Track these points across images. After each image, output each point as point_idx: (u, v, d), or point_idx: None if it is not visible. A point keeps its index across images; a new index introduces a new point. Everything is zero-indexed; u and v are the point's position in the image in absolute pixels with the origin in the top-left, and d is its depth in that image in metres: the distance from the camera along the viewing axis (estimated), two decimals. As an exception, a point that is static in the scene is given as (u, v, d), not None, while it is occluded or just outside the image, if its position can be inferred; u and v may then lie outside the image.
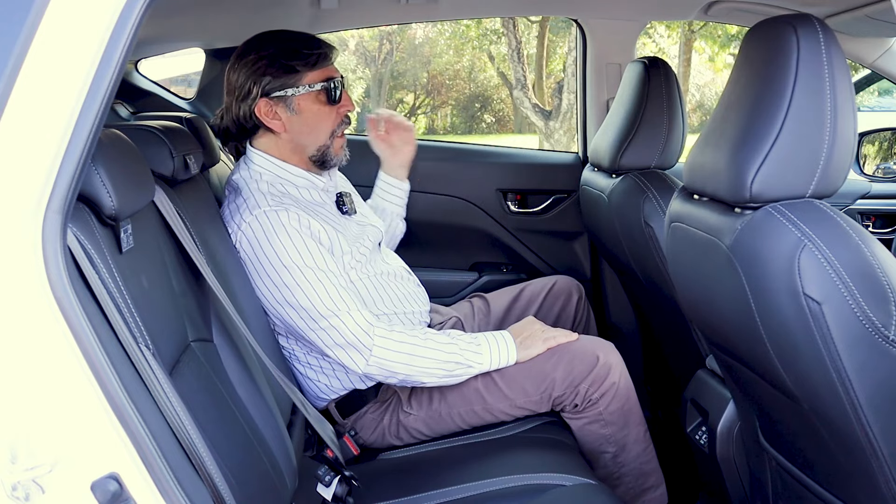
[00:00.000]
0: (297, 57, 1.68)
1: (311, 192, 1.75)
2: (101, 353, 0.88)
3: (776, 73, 1.09)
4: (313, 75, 1.69)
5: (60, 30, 0.86)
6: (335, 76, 1.72)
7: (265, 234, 1.59)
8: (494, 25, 11.91)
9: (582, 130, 2.66)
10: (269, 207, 1.61)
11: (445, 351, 1.64)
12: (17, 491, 0.85)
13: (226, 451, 1.12)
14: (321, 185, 1.78)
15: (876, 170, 2.63)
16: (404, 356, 1.61)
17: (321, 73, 1.70)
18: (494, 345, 1.69)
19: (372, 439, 1.77)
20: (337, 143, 1.75)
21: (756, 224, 1.09)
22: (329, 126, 1.73)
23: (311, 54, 1.68)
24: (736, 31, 8.58)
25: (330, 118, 1.73)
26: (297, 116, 1.70)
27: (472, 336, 1.70)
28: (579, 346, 1.73)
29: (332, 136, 1.74)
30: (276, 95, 1.68)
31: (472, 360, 1.66)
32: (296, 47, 1.69)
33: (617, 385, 1.70)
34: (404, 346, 1.61)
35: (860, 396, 1.03)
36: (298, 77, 1.68)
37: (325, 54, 1.71)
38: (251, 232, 1.60)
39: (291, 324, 1.62)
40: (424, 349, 1.62)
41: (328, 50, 1.72)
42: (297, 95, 1.68)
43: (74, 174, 0.87)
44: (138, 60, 2.56)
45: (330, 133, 1.73)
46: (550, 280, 2.13)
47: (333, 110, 1.73)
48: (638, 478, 1.77)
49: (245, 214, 1.62)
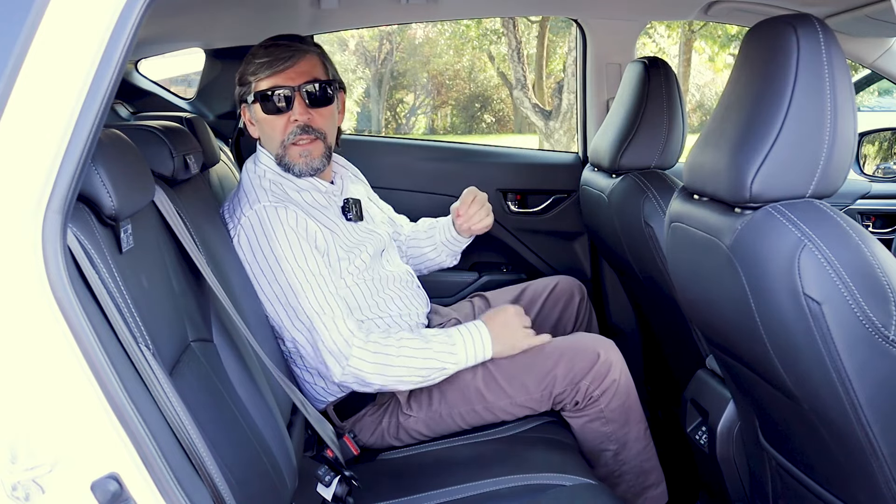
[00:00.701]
0: (250, 65, 1.72)
1: (313, 195, 1.76)
2: (101, 353, 0.88)
3: (776, 73, 1.09)
4: (260, 84, 1.71)
5: (60, 30, 0.86)
6: (280, 85, 1.69)
7: (262, 229, 1.62)
8: (494, 25, 11.91)
9: (582, 130, 2.66)
10: (268, 203, 1.64)
11: (420, 357, 1.64)
12: (17, 491, 0.85)
13: (226, 451, 1.12)
14: (324, 188, 1.78)
15: (876, 170, 2.63)
16: (379, 366, 1.62)
17: (267, 82, 1.70)
18: (470, 341, 1.68)
19: (371, 441, 1.77)
20: (292, 152, 1.72)
21: (756, 224, 1.09)
22: (278, 135, 1.72)
23: (262, 63, 1.70)
24: (736, 31, 8.58)
25: (277, 127, 1.72)
26: (258, 124, 1.76)
27: (446, 334, 1.69)
28: (580, 343, 1.73)
29: (283, 146, 1.72)
30: (245, 103, 1.75)
31: (447, 361, 1.66)
32: (256, 54, 1.72)
33: (618, 382, 1.70)
34: (379, 357, 1.62)
35: (860, 396, 1.03)
36: (249, 86, 1.72)
37: (270, 63, 1.69)
38: (249, 225, 1.63)
39: (277, 320, 1.64)
40: (399, 358, 1.62)
41: (289, 54, 1.69)
42: (252, 103, 1.74)
43: (74, 174, 0.87)
44: (138, 60, 2.56)
45: (280, 142, 1.72)
46: (553, 280, 2.13)
47: (282, 119, 1.71)
48: (639, 475, 1.77)
49: (245, 208, 1.65)
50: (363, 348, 1.61)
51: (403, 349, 1.63)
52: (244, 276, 1.64)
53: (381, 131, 15.14)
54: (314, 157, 1.73)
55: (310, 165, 1.73)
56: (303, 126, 1.70)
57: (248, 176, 1.74)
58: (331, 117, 1.77)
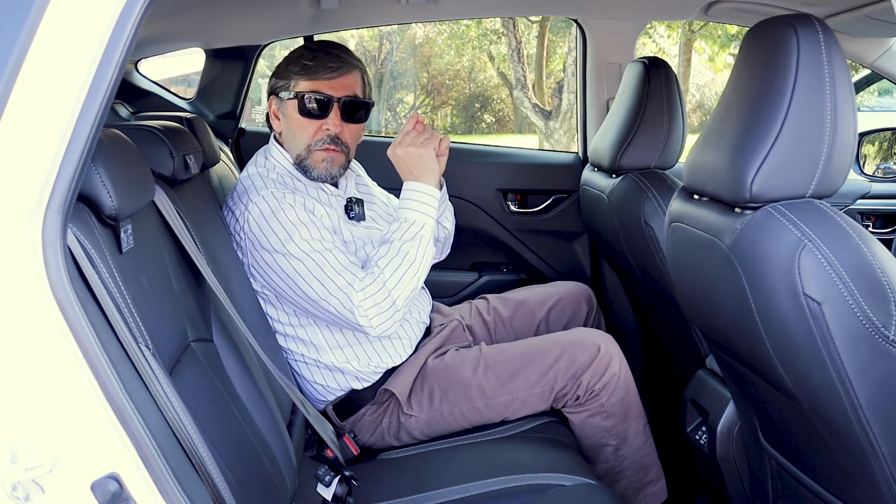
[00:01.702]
0: (294, 63, 1.72)
1: (318, 192, 1.77)
2: (101, 353, 0.88)
3: (776, 73, 1.09)
4: (302, 84, 1.72)
5: (60, 30, 0.86)
6: (323, 91, 1.70)
7: (272, 211, 1.63)
8: (494, 25, 11.90)
9: (582, 130, 2.66)
10: (275, 189, 1.66)
11: (400, 256, 1.61)
12: (17, 491, 0.85)
13: (226, 451, 1.12)
14: (329, 191, 1.79)
15: (876, 170, 2.63)
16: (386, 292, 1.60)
17: (309, 85, 1.71)
18: (413, 204, 1.66)
19: (371, 441, 1.77)
20: (315, 157, 1.73)
21: (756, 224, 1.09)
22: (305, 138, 1.73)
23: (309, 65, 1.71)
24: (736, 31, 8.57)
25: (307, 131, 1.73)
26: (286, 120, 1.76)
27: (395, 224, 1.66)
28: (580, 338, 1.74)
29: (308, 149, 1.73)
30: (277, 95, 1.75)
31: (417, 233, 1.64)
32: (302, 55, 1.73)
33: (618, 376, 1.71)
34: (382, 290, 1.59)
35: (860, 396, 1.03)
36: (289, 82, 1.73)
37: (319, 68, 1.71)
38: (258, 211, 1.63)
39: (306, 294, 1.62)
40: (392, 277, 1.60)
41: (337, 65, 1.71)
42: (286, 99, 1.73)
43: (74, 174, 0.87)
44: (138, 60, 2.56)
45: (306, 145, 1.73)
46: (561, 288, 2.13)
47: (314, 124, 1.72)
48: (639, 471, 1.77)
49: (252, 195, 1.66)
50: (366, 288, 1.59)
51: (387, 268, 1.61)
52: (244, 276, 1.64)
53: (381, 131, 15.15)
54: (335, 165, 1.74)
55: (329, 172, 1.74)
56: (333, 136, 1.72)
57: (255, 168, 1.75)
58: (359, 134, 1.80)
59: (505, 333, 2.03)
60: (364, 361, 1.75)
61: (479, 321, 2.04)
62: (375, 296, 1.59)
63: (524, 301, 2.09)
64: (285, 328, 1.73)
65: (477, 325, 2.03)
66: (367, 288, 1.59)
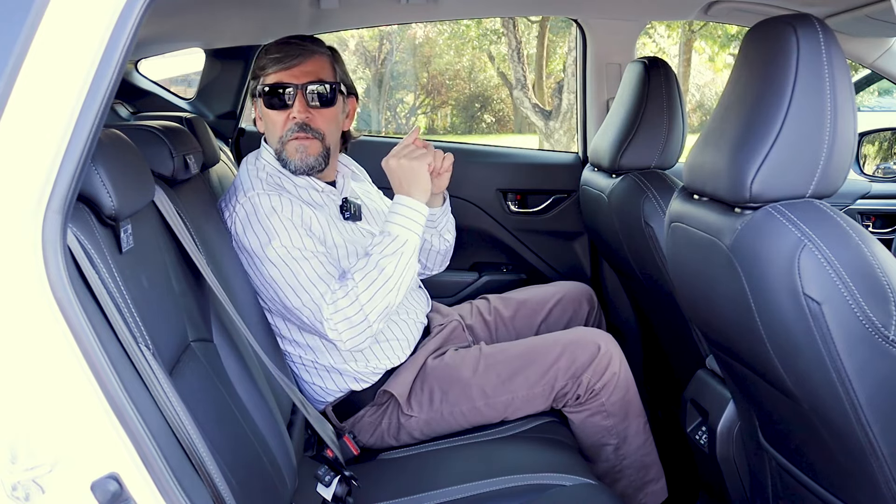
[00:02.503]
0: (261, 60, 1.74)
1: (310, 193, 1.76)
2: (101, 353, 0.88)
3: (776, 73, 1.09)
4: (266, 79, 1.73)
5: (60, 30, 0.86)
6: (284, 82, 1.71)
7: (256, 214, 1.63)
8: (494, 25, 11.90)
9: (582, 130, 2.66)
10: (262, 191, 1.66)
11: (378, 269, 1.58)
12: (17, 491, 0.85)
13: (226, 451, 1.12)
14: (321, 188, 1.79)
15: (876, 170, 2.63)
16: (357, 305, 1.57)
17: (273, 77, 1.72)
18: (399, 219, 1.64)
19: (371, 442, 1.77)
20: (289, 148, 1.73)
21: (756, 224, 1.09)
22: (276, 130, 1.74)
23: (272, 59, 1.72)
24: (736, 31, 8.57)
25: (277, 122, 1.74)
26: (262, 118, 1.78)
27: (380, 238, 1.64)
28: (580, 337, 1.74)
29: (281, 141, 1.73)
30: (255, 97, 1.77)
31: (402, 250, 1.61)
32: (269, 50, 1.74)
33: (618, 375, 1.71)
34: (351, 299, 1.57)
35: (860, 396, 1.03)
36: (259, 80, 1.75)
37: (278, 59, 1.71)
38: (244, 213, 1.64)
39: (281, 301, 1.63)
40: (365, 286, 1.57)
41: (297, 52, 1.72)
42: (258, 97, 1.75)
43: (74, 174, 0.87)
44: (138, 60, 2.56)
45: (279, 137, 1.74)
46: (562, 287, 2.13)
47: (282, 115, 1.73)
48: (639, 470, 1.77)
49: (239, 196, 1.67)
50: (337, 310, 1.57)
51: (361, 281, 1.58)
52: (244, 276, 1.64)
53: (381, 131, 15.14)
54: (310, 155, 1.73)
55: (305, 162, 1.73)
56: (301, 124, 1.71)
57: (245, 168, 1.76)
58: (332, 119, 1.77)
59: (506, 333, 2.03)
60: (362, 363, 1.75)
61: (480, 321, 2.04)
62: (346, 310, 1.57)
63: (525, 301, 2.09)
64: (282, 330, 1.73)
65: (478, 325, 2.03)
66: (339, 301, 1.57)
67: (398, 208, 1.66)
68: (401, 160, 1.67)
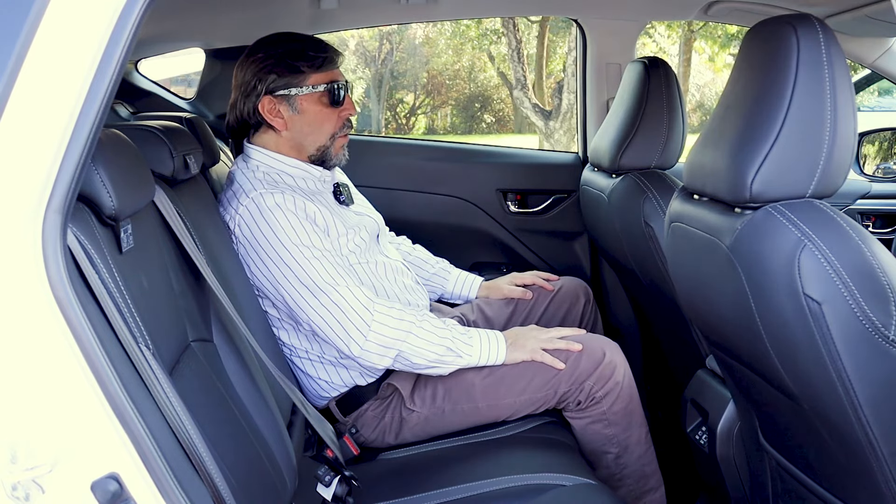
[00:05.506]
0: (302, 58, 1.74)
1: (307, 182, 1.78)
2: (101, 353, 0.88)
3: (776, 73, 1.09)
4: (317, 77, 1.74)
5: (60, 30, 0.86)
6: (339, 80, 1.77)
7: (262, 214, 1.63)
8: (494, 25, 11.90)
9: (582, 130, 2.66)
10: (264, 190, 1.66)
11: (439, 335, 1.65)
12: (17, 491, 0.85)
13: (226, 451, 1.12)
14: (317, 174, 1.81)
15: (876, 170, 2.63)
16: (401, 332, 1.62)
17: (325, 76, 1.75)
18: (486, 341, 1.70)
19: (373, 437, 1.77)
20: (337, 144, 1.80)
21: (756, 224, 1.09)
22: (330, 128, 1.78)
23: (317, 57, 1.74)
24: (736, 31, 8.58)
25: (331, 120, 1.78)
26: (300, 116, 1.76)
27: (465, 329, 1.72)
28: (585, 343, 1.74)
29: (332, 138, 1.79)
30: (281, 94, 1.74)
31: (462, 350, 1.66)
32: (303, 48, 1.75)
33: (621, 385, 1.70)
34: (403, 324, 1.63)
35: (860, 396, 1.03)
36: (303, 78, 1.74)
37: (330, 58, 1.76)
38: (248, 214, 1.64)
39: (292, 304, 1.64)
40: (420, 329, 1.64)
41: (334, 54, 1.77)
42: (300, 95, 1.74)
43: (74, 174, 0.87)
44: (138, 60, 2.56)
45: (331, 135, 1.79)
46: (558, 281, 2.13)
47: (335, 113, 1.78)
48: (639, 479, 1.77)
49: (242, 198, 1.66)
50: (385, 314, 1.62)
51: (425, 322, 1.65)
52: (244, 276, 1.65)
53: (381, 131, 15.14)
54: (345, 150, 1.84)
55: (344, 157, 1.84)
56: (348, 120, 1.81)
57: (240, 172, 1.76)
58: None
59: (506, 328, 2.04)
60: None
61: (482, 317, 2.05)
62: (400, 311, 1.64)
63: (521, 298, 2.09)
64: (288, 324, 1.73)
65: (480, 323, 2.04)
66: (390, 317, 1.63)
67: (498, 338, 1.71)
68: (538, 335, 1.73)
